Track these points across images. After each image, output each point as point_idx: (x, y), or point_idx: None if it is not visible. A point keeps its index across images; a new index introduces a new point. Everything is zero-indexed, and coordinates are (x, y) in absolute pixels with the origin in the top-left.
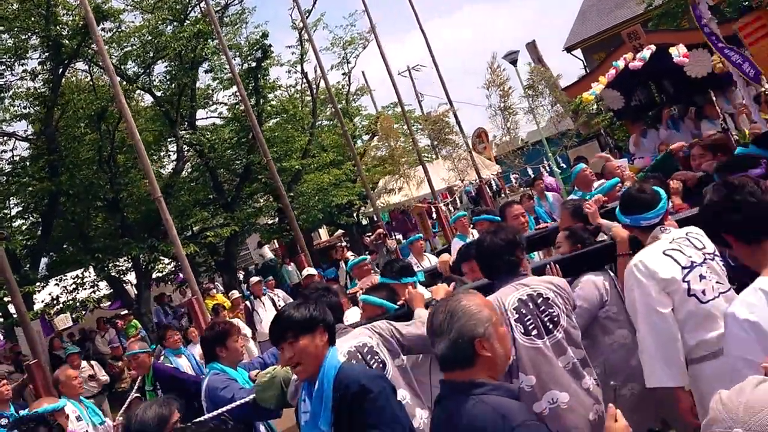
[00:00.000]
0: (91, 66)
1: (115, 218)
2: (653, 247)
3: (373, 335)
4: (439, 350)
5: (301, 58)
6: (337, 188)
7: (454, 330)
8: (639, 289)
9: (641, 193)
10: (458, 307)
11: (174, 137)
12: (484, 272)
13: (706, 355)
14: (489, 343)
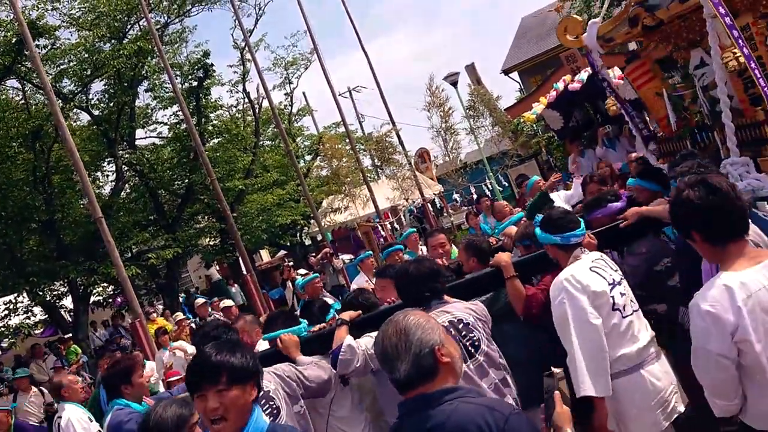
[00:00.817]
0: (24, 84)
1: (51, 240)
2: (579, 264)
3: (273, 379)
4: (401, 373)
5: (243, 77)
6: (281, 208)
7: (413, 345)
8: (571, 302)
9: (567, 214)
10: (408, 324)
11: (113, 157)
12: (408, 299)
13: (626, 369)
14: (446, 348)
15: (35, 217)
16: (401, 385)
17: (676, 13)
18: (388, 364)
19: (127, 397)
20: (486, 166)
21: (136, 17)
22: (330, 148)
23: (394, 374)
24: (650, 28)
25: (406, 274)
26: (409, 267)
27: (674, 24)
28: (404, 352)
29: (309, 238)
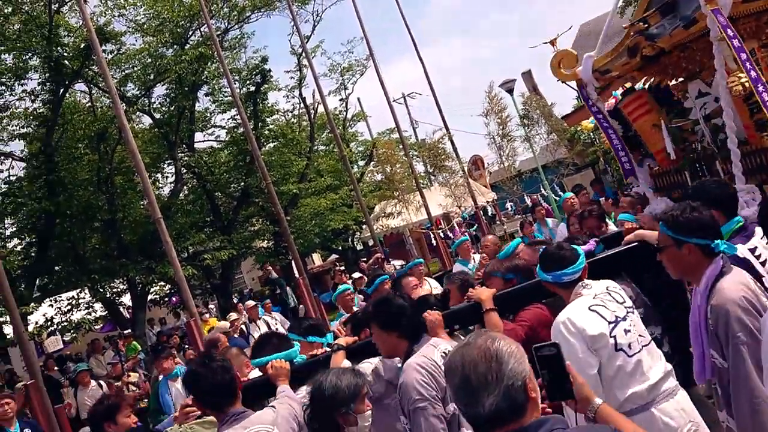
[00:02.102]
0: (91, 87)
1: (112, 239)
2: (578, 303)
3: (279, 422)
4: (486, 407)
5: (300, 83)
6: (334, 213)
7: (506, 376)
8: (566, 347)
9: (560, 250)
10: (500, 350)
11: (172, 159)
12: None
13: (636, 408)
14: (532, 381)
15: (98, 216)
16: (485, 421)
17: (679, 40)
18: (467, 396)
19: None
20: (541, 174)
21: (198, 23)
22: (384, 154)
23: (475, 408)
24: (649, 58)
25: (403, 307)
26: (406, 302)
27: (673, 55)
28: (494, 383)
29: (360, 242)
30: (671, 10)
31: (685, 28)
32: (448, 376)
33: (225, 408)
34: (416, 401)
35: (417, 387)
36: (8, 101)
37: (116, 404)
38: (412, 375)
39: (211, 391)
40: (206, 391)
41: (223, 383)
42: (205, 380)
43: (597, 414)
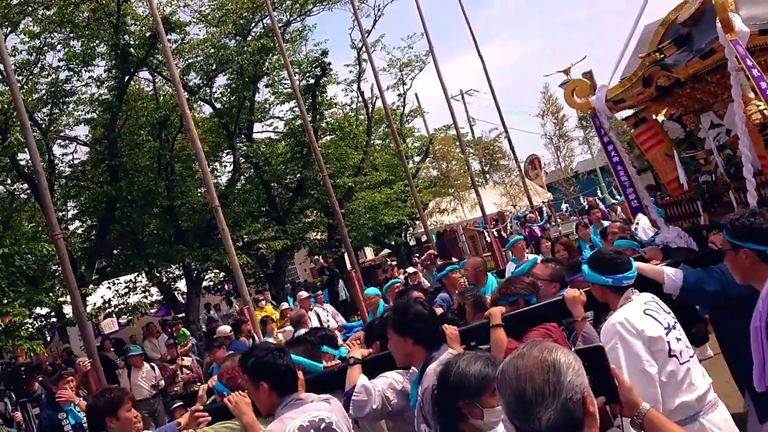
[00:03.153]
0: (154, 75)
1: (170, 225)
2: (632, 306)
3: (335, 410)
4: (542, 422)
5: (359, 77)
6: (388, 207)
7: (564, 389)
8: (624, 347)
9: (619, 255)
10: (558, 361)
11: (231, 149)
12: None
13: (685, 418)
14: (591, 395)
15: (157, 202)
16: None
17: (696, 71)
18: (522, 410)
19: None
20: (599, 176)
21: (261, 15)
22: (440, 150)
23: (531, 423)
24: (663, 89)
25: (424, 314)
26: (424, 307)
27: (687, 87)
28: (551, 397)
29: (414, 238)
30: (686, 42)
31: (702, 59)
32: (500, 388)
33: (291, 392)
34: None
35: None
36: (75, 87)
37: (118, 398)
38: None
39: (285, 372)
40: (282, 372)
41: (293, 368)
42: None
43: (645, 419)
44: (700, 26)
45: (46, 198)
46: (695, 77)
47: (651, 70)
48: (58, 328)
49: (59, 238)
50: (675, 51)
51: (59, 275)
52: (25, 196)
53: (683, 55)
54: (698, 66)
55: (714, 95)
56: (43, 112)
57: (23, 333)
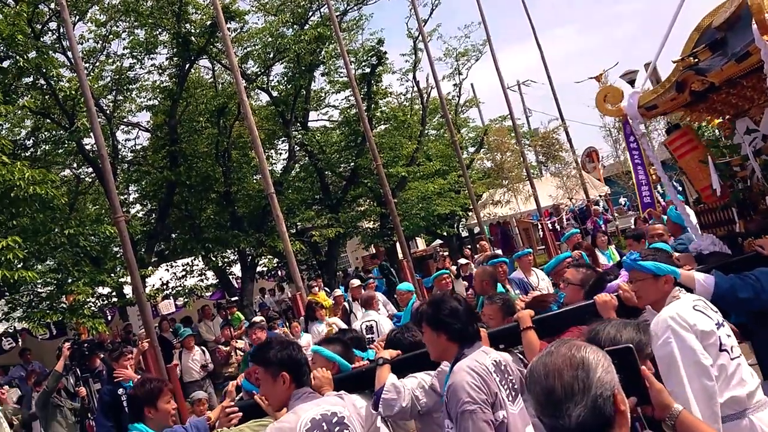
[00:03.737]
0: (214, 63)
1: (226, 211)
2: (681, 302)
3: (347, 405)
4: (572, 419)
5: (414, 66)
6: (441, 198)
7: (593, 386)
8: (678, 341)
9: (656, 254)
10: (587, 358)
11: (286, 137)
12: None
13: (733, 414)
14: (621, 393)
15: (214, 188)
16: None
17: (730, 75)
18: (551, 407)
19: (149, 423)
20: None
21: (318, 4)
22: (495, 141)
23: (561, 420)
24: (698, 95)
25: (459, 310)
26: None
27: (722, 92)
28: (580, 393)
29: (466, 229)
30: (721, 47)
31: (737, 62)
32: (529, 385)
33: (305, 385)
34: (465, 404)
35: (467, 389)
36: (138, 74)
37: (158, 388)
38: (463, 377)
39: (304, 364)
40: (302, 364)
41: (306, 361)
42: (299, 357)
43: (677, 421)
44: (735, 30)
45: (109, 182)
46: (730, 82)
47: (685, 74)
48: (118, 308)
49: (121, 220)
50: (709, 55)
51: (120, 257)
52: (89, 180)
53: (718, 59)
54: (734, 70)
55: (750, 100)
56: (108, 99)
57: (86, 311)
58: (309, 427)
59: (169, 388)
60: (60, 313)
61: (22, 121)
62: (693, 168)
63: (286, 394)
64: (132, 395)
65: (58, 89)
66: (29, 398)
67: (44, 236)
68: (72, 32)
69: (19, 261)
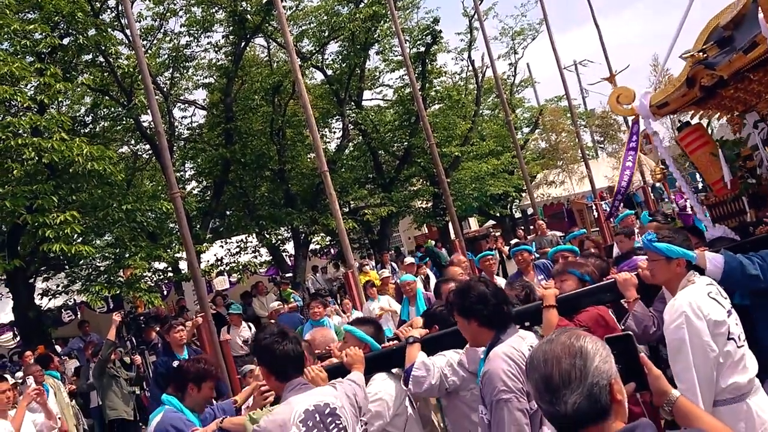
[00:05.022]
0: (269, 42)
1: (280, 189)
2: (696, 289)
3: (340, 395)
4: (568, 406)
5: (470, 45)
6: (494, 178)
7: (590, 374)
8: (690, 328)
9: (677, 235)
10: (585, 347)
11: (340, 115)
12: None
13: (732, 398)
14: (619, 384)
15: (268, 165)
16: (567, 420)
17: (739, 67)
18: (549, 393)
19: (187, 399)
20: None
21: None
22: (550, 122)
23: (557, 407)
24: (708, 90)
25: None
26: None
27: (731, 87)
28: (576, 381)
29: (519, 210)
30: (728, 43)
31: (745, 53)
32: (529, 372)
33: (291, 377)
34: (501, 392)
35: (503, 377)
36: (195, 52)
37: (210, 372)
38: (499, 364)
39: (282, 358)
40: (277, 357)
41: (295, 354)
42: (277, 349)
43: (675, 407)
44: (741, 28)
45: (166, 158)
46: (738, 75)
47: (695, 69)
48: (174, 283)
49: (177, 196)
50: (717, 51)
51: (176, 233)
52: (146, 157)
53: (725, 54)
54: (742, 61)
55: (757, 95)
56: (165, 76)
57: (142, 285)
58: (302, 418)
59: (215, 376)
60: (117, 287)
61: (82, 98)
62: (704, 162)
63: (275, 387)
64: (183, 368)
65: (117, 67)
66: (87, 369)
67: (102, 211)
68: (130, 10)
69: (78, 235)
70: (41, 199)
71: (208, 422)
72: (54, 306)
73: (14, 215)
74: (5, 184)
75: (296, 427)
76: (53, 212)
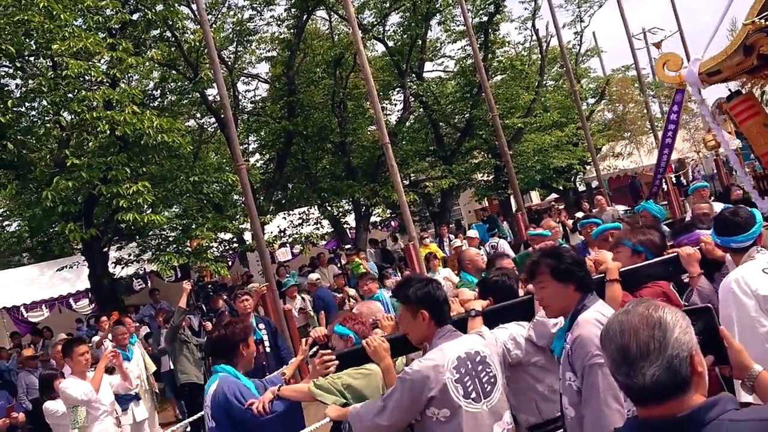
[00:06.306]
0: (330, 14)
1: (341, 161)
2: (751, 264)
3: (489, 344)
4: (647, 378)
5: (534, 14)
6: (558, 150)
7: (669, 346)
8: (737, 305)
9: (734, 216)
10: (664, 318)
11: (401, 87)
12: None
13: None
14: (699, 355)
15: (330, 138)
16: (645, 393)
17: None
18: (626, 365)
19: (240, 362)
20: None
21: None
22: (617, 92)
23: (635, 378)
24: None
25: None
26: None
27: None
28: (656, 352)
29: (584, 183)
30: None
31: None
32: (604, 343)
33: (445, 323)
34: (595, 356)
35: (597, 342)
36: (258, 26)
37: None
38: (591, 329)
39: (443, 303)
40: (441, 302)
41: (447, 299)
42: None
43: (756, 381)
44: None
45: (231, 131)
46: None
47: (755, 37)
48: (239, 254)
49: (242, 168)
50: None
51: (241, 204)
52: (211, 130)
53: None
54: None
55: None
56: (229, 50)
57: (209, 255)
58: (455, 365)
59: (252, 332)
60: (185, 257)
61: (150, 72)
62: (754, 133)
63: (426, 331)
64: (225, 335)
65: (183, 41)
66: (158, 335)
67: (171, 183)
68: None
69: (149, 206)
70: (115, 170)
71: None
72: (126, 275)
73: (90, 186)
74: (81, 156)
75: (450, 373)
76: (126, 183)
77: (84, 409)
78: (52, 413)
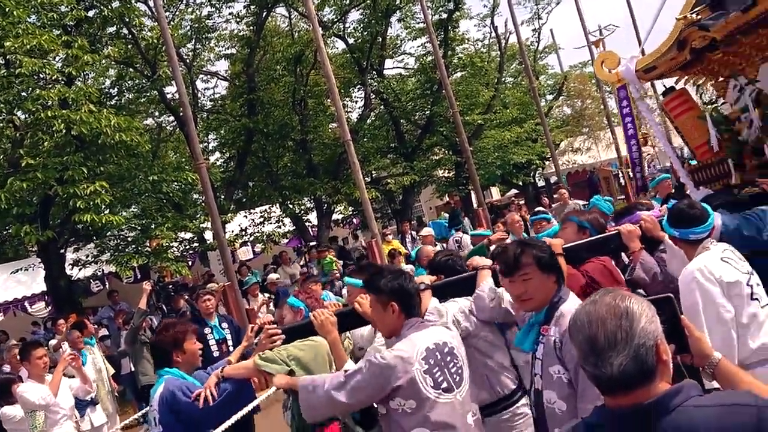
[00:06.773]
0: (290, 11)
1: (302, 159)
2: (709, 254)
3: (456, 336)
4: (614, 368)
5: (492, 11)
6: (518, 146)
7: (636, 335)
8: (702, 293)
9: (691, 209)
10: (630, 308)
11: (362, 84)
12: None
13: (765, 359)
14: (664, 344)
15: (291, 136)
16: (612, 383)
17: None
18: (594, 355)
19: (182, 367)
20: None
21: None
22: (575, 89)
23: (603, 369)
24: (696, 53)
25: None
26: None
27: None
28: (623, 342)
29: (543, 179)
30: (721, 5)
31: (743, 12)
32: (572, 334)
33: (416, 314)
34: None
35: None
36: (216, 23)
37: (183, 331)
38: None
39: (414, 295)
40: (413, 295)
41: (416, 291)
42: (409, 286)
43: (716, 369)
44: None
45: (190, 129)
46: (729, 39)
47: (688, 31)
48: (199, 253)
49: (203, 166)
50: (710, 14)
51: (201, 203)
52: (170, 128)
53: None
54: (739, 21)
55: (746, 58)
56: (188, 48)
57: (169, 255)
58: (424, 356)
59: (193, 329)
60: (145, 257)
61: (107, 70)
62: (689, 127)
63: (396, 323)
64: (157, 341)
65: (141, 38)
66: (117, 337)
67: (129, 182)
68: None
69: (106, 206)
70: (71, 170)
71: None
72: (83, 276)
73: (46, 186)
74: (36, 156)
75: (419, 363)
76: (83, 183)
77: (42, 414)
78: (9, 418)
